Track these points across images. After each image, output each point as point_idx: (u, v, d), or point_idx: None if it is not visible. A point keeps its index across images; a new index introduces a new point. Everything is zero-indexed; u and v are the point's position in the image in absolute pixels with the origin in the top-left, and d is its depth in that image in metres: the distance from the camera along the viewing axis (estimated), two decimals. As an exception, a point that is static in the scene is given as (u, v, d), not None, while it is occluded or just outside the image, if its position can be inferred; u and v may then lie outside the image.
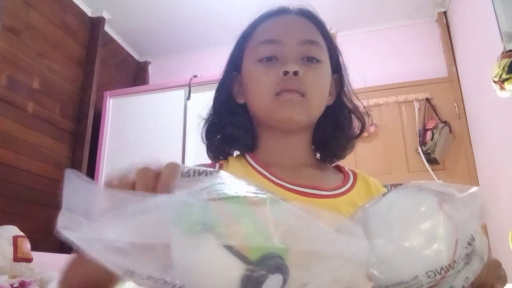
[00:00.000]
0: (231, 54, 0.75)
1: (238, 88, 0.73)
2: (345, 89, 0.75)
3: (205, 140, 0.73)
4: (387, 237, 0.39)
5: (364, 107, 0.77)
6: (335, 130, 0.73)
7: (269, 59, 0.66)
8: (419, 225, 0.39)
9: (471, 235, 0.40)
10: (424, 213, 0.40)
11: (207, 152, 0.74)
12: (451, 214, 0.39)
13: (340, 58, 0.75)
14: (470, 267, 0.39)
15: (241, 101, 0.72)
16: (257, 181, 0.65)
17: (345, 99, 0.75)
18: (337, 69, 0.74)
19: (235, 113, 0.71)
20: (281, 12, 0.72)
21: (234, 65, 0.74)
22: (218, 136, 0.72)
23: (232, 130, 0.70)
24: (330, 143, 0.73)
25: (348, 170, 0.73)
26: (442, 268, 0.38)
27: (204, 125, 0.74)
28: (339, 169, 0.74)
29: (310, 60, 0.67)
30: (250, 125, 0.71)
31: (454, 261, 0.38)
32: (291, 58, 0.65)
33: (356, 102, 0.76)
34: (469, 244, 0.39)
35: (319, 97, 0.68)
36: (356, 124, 0.75)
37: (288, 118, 0.65)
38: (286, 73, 0.64)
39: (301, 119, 0.66)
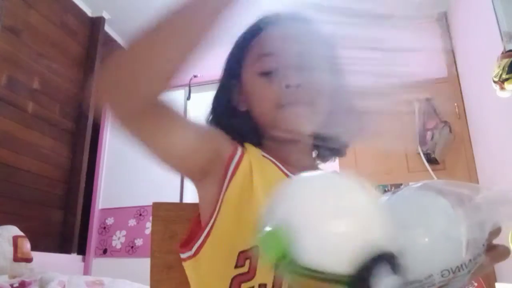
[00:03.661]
0: (229, 63, 0.75)
1: (238, 96, 0.72)
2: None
3: None
4: (404, 233, 0.38)
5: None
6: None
7: (270, 71, 0.67)
8: (436, 223, 0.39)
9: (486, 238, 0.40)
10: (442, 210, 0.39)
11: None
12: (469, 214, 0.39)
13: None
14: (476, 270, 0.39)
15: (242, 109, 0.72)
16: (272, 169, 0.65)
17: None
18: None
19: (238, 119, 0.71)
20: (276, 21, 0.72)
21: (232, 74, 0.74)
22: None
23: (237, 128, 0.70)
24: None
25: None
26: (457, 266, 0.38)
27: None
28: None
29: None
30: (254, 129, 0.71)
31: (470, 260, 0.38)
32: (292, 69, 0.65)
33: None
34: (483, 245, 0.39)
35: (324, 103, 0.69)
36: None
37: (297, 130, 0.65)
38: (288, 86, 0.64)
39: (309, 130, 0.67)
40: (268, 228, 0.32)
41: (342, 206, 0.32)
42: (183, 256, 0.63)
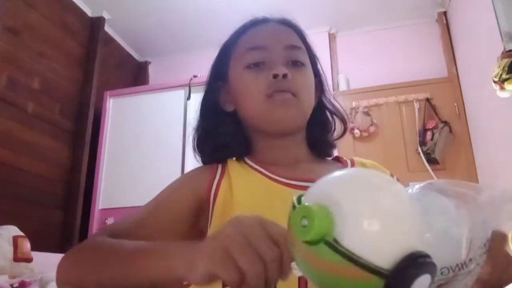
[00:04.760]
0: (215, 64, 0.77)
1: (225, 96, 0.74)
2: (325, 92, 0.79)
3: (197, 151, 0.75)
4: None
5: (343, 109, 0.82)
6: (321, 131, 0.76)
7: (257, 65, 0.69)
8: (436, 220, 0.39)
9: (488, 238, 0.39)
10: (443, 208, 0.40)
11: (202, 161, 0.75)
12: (471, 213, 0.39)
13: (318, 64, 0.79)
14: (477, 271, 0.39)
15: (229, 109, 0.73)
16: (255, 178, 0.67)
17: (325, 102, 0.79)
18: (316, 74, 0.77)
19: (225, 121, 0.73)
20: (263, 21, 0.75)
21: (218, 74, 0.76)
22: (210, 146, 0.73)
23: (224, 139, 0.72)
24: (318, 143, 0.76)
25: (346, 159, 0.76)
26: (457, 265, 0.37)
27: (194, 136, 0.75)
28: (338, 160, 0.77)
29: (295, 64, 0.70)
30: (241, 132, 0.73)
31: (470, 259, 0.38)
32: (278, 62, 0.68)
33: (336, 104, 0.80)
34: (485, 245, 0.39)
35: (309, 97, 0.71)
36: (338, 124, 0.79)
37: (283, 118, 0.67)
38: (275, 75, 0.66)
39: (295, 117, 0.68)
40: (317, 203, 0.32)
41: (395, 202, 0.33)
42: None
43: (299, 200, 0.35)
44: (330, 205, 0.32)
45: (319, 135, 0.76)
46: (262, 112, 0.67)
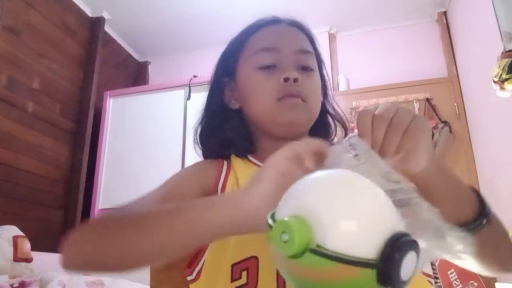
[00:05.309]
0: (222, 60, 0.77)
1: (231, 93, 0.74)
2: (328, 97, 0.79)
3: (200, 145, 0.75)
4: None
5: (344, 114, 0.81)
6: (322, 135, 0.76)
7: (268, 67, 0.69)
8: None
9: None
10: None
11: (204, 156, 0.74)
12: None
13: (324, 68, 0.79)
14: None
15: (234, 106, 0.73)
16: None
17: (327, 106, 0.79)
18: (321, 78, 0.77)
19: (230, 118, 0.73)
20: (274, 21, 0.75)
21: (226, 71, 0.75)
22: (214, 141, 0.73)
23: (229, 135, 0.72)
24: None
25: None
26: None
27: (197, 130, 0.75)
28: None
29: (305, 69, 0.70)
30: (246, 130, 0.73)
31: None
32: (290, 66, 0.68)
33: (337, 109, 0.80)
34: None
35: (317, 102, 0.72)
36: (338, 129, 0.79)
37: (292, 121, 0.67)
38: (287, 79, 0.66)
39: (303, 122, 0.69)
40: (291, 216, 0.33)
41: (366, 190, 0.34)
42: (188, 278, 0.65)
43: (273, 218, 0.35)
44: (306, 213, 0.32)
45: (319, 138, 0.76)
46: (271, 114, 0.67)
